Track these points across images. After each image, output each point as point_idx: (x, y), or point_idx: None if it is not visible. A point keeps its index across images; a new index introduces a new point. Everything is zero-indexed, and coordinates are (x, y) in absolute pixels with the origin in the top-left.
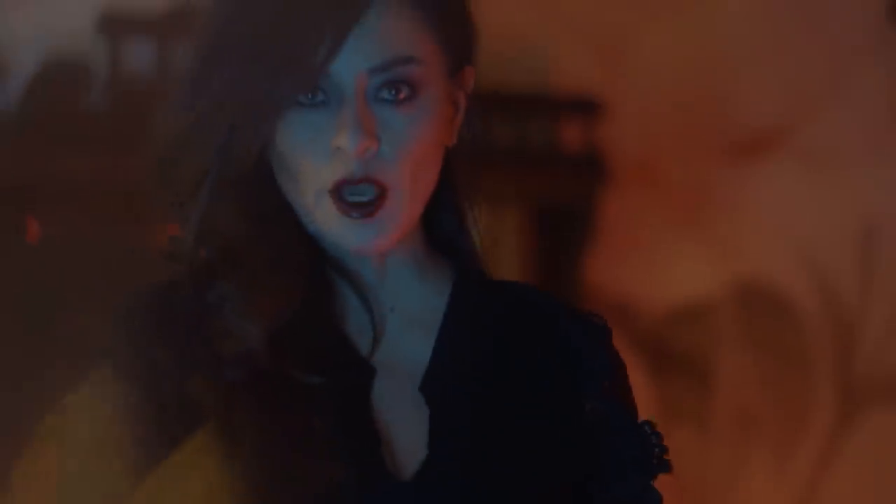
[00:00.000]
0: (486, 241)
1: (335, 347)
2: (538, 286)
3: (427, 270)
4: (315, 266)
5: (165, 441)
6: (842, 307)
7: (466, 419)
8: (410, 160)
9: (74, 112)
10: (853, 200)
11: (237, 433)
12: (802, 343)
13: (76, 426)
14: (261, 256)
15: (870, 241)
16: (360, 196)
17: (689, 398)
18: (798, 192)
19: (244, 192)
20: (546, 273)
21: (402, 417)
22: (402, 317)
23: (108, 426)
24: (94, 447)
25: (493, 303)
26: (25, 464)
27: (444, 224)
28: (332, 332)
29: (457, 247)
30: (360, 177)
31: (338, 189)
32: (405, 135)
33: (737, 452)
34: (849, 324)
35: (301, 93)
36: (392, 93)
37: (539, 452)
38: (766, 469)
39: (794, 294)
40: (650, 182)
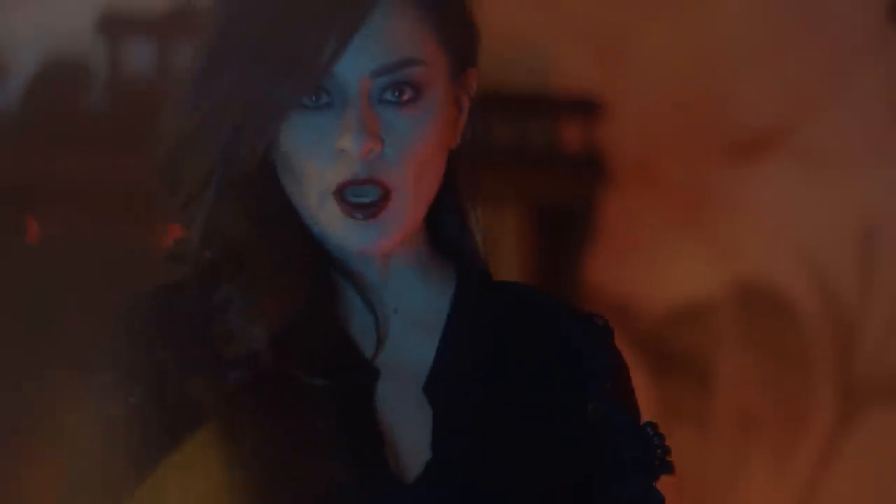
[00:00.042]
0: (487, 242)
1: (339, 349)
2: (538, 286)
3: (430, 272)
4: (319, 267)
5: (166, 441)
6: (842, 307)
7: (470, 420)
8: (414, 162)
9: (74, 112)
10: (853, 200)
11: (240, 434)
12: (802, 343)
13: (78, 426)
14: (265, 258)
15: (870, 241)
16: (364, 197)
17: (689, 398)
18: (798, 192)
19: (248, 194)
20: (546, 273)
21: (406, 419)
22: (406, 318)
23: (109, 426)
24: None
25: (496, 304)
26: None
27: (447, 225)
28: (336, 334)
29: (459, 248)
30: (364, 178)
31: (341, 190)
32: (409, 136)
33: (737, 452)
34: (849, 324)
35: (305, 94)
36: (396, 94)
37: (543, 453)
38: (766, 469)
39: (794, 294)
40: (650, 182)
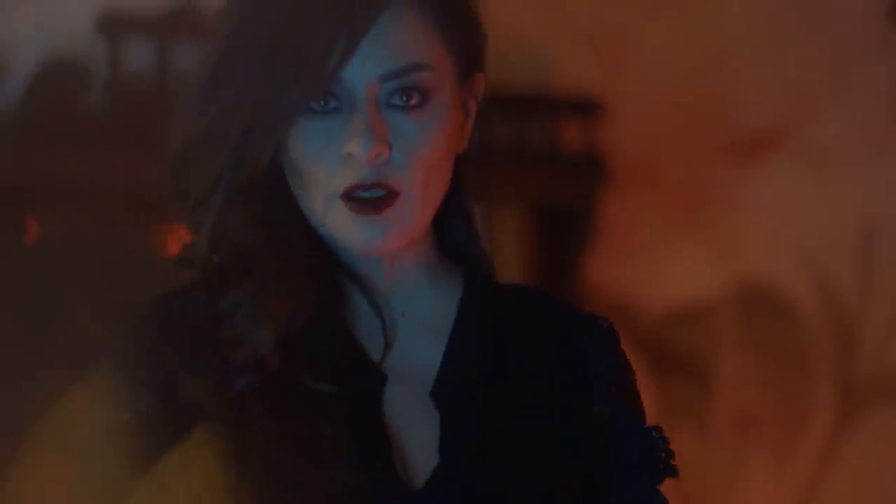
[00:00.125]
0: (488, 243)
1: (346, 353)
2: (538, 286)
3: (437, 275)
4: (326, 272)
5: (166, 442)
6: (842, 307)
7: (477, 425)
8: (422, 166)
9: (74, 112)
10: (853, 200)
11: (247, 439)
12: (802, 343)
13: (77, 425)
14: (272, 262)
15: (870, 241)
16: (371, 194)
17: (690, 399)
18: (798, 192)
19: (256, 198)
20: (546, 273)
21: (413, 423)
22: (413, 322)
23: (109, 426)
24: (95, 446)
25: (504, 308)
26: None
27: (454, 229)
28: (343, 338)
29: (466, 252)
30: (372, 182)
31: (349, 193)
32: (416, 141)
33: (737, 453)
34: (849, 324)
35: (313, 98)
36: (403, 99)
37: (550, 457)
38: (766, 469)
39: (794, 294)
40: (650, 182)
